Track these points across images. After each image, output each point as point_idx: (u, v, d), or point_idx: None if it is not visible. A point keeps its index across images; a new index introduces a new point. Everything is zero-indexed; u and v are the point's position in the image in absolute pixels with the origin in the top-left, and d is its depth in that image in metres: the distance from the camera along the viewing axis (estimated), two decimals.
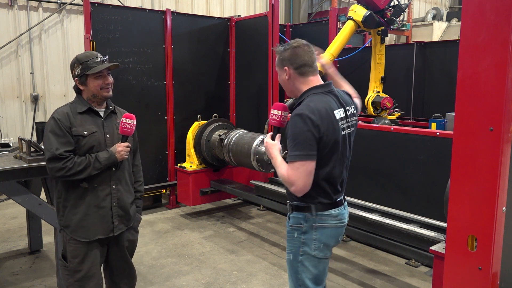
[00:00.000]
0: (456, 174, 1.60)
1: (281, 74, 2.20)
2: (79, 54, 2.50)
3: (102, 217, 2.49)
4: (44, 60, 7.48)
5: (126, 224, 2.62)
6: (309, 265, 2.17)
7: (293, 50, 2.14)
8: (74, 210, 2.46)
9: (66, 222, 2.49)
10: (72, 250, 2.49)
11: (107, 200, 2.50)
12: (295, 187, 2.02)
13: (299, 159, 2.00)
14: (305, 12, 11.09)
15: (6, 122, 7.23)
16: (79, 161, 2.38)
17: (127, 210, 2.60)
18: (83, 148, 2.42)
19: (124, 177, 2.59)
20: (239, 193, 5.25)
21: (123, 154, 2.48)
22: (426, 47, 6.89)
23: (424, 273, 3.89)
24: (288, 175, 2.03)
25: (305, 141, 1.99)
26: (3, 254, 4.35)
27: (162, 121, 5.70)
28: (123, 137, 2.50)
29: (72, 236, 2.47)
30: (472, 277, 1.57)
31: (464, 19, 1.53)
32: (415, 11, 14.10)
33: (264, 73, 5.40)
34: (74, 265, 2.48)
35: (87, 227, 2.47)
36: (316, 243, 2.16)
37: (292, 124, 2.04)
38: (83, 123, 2.45)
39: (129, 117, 2.47)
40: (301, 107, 2.06)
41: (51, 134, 2.38)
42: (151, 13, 5.61)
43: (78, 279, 2.48)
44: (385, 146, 4.07)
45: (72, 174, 2.37)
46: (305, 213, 2.16)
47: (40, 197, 3.46)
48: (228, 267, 4.06)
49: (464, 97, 1.54)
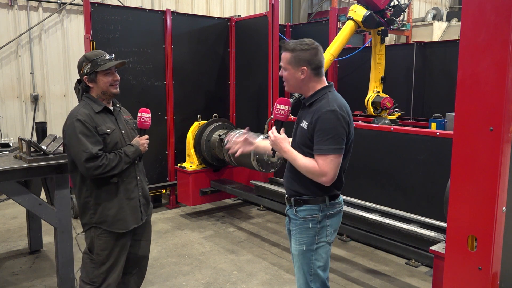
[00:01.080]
0: (456, 174, 1.60)
1: (296, 72, 2.26)
2: (87, 53, 2.64)
3: (134, 208, 2.67)
4: (44, 60, 7.48)
5: (147, 212, 2.81)
6: (322, 252, 2.32)
7: (313, 51, 2.24)
8: (109, 205, 2.59)
9: (101, 218, 2.60)
10: (102, 243, 2.61)
11: (135, 191, 2.68)
12: (326, 178, 2.16)
13: (333, 152, 2.15)
14: (305, 12, 11.09)
15: (6, 122, 7.23)
16: (112, 158, 2.52)
17: (148, 198, 2.84)
18: (109, 146, 2.56)
19: (143, 168, 2.81)
20: (239, 193, 5.25)
21: (146, 146, 2.69)
22: (426, 47, 6.89)
23: (424, 273, 3.90)
24: (320, 166, 2.15)
25: (339, 136, 2.15)
26: (3, 254, 4.35)
27: (162, 121, 5.70)
28: (141, 131, 2.72)
29: (111, 229, 2.59)
30: (472, 277, 1.57)
31: (464, 19, 1.52)
32: (415, 11, 14.10)
33: (264, 73, 5.40)
34: (102, 257, 2.62)
35: (123, 219, 2.62)
36: (329, 229, 2.33)
37: (326, 119, 2.14)
38: (103, 121, 2.57)
39: (145, 111, 2.69)
40: (328, 104, 2.18)
41: (82, 136, 2.47)
42: (151, 13, 5.61)
43: (104, 271, 2.62)
44: (385, 146, 4.07)
45: (108, 171, 2.50)
46: (319, 204, 2.29)
47: (40, 197, 3.46)
48: (228, 267, 4.06)
49: (464, 97, 1.54)
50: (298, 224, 2.33)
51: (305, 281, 2.34)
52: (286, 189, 2.44)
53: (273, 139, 2.30)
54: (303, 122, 2.28)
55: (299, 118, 2.36)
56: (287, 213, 2.45)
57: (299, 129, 2.31)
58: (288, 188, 2.40)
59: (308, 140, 2.22)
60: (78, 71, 2.62)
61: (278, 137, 2.29)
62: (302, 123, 2.29)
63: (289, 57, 2.26)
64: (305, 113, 2.31)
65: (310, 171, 2.19)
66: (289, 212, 2.42)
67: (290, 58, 2.26)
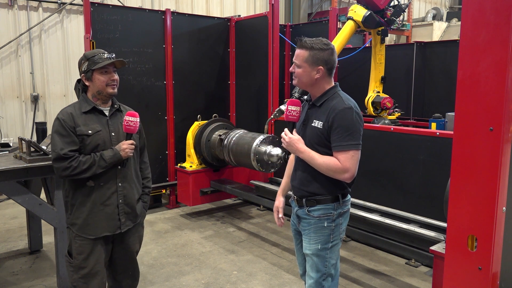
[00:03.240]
0: (456, 174, 1.60)
1: (312, 71, 2.27)
2: (86, 52, 2.59)
3: (108, 215, 2.53)
4: (44, 60, 7.48)
5: (134, 221, 2.65)
6: (336, 250, 2.38)
7: (330, 51, 2.28)
8: (81, 208, 2.51)
9: (73, 220, 2.53)
10: (77, 246, 2.53)
11: (113, 198, 2.53)
12: (348, 174, 2.20)
13: (354, 148, 2.20)
14: (305, 12, 11.09)
15: (6, 122, 7.23)
16: (84, 160, 2.42)
17: (134, 207, 2.63)
18: (88, 147, 2.47)
19: (130, 174, 2.61)
20: (239, 193, 5.25)
21: (128, 151, 2.51)
22: (426, 47, 6.89)
23: (424, 273, 3.90)
24: (342, 162, 2.18)
25: (357, 132, 2.21)
26: (3, 254, 4.35)
27: (162, 121, 5.70)
28: (127, 135, 2.54)
29: (79, 234, 2.51)
30: (472, 277, 1.57)
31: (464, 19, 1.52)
32: (415, 11, 14.10)
33: (264, 73, 5.40)
34: (79, 261, 2.52)
35: (93, 225, 2.51)
36: (342, 227, 2.39)
37: (343, 116, 2.19)
38: (88, 122, 2.49)
39: (132, 115, 2.52)
40: (344, 102, 2.23)
41: (56, 135, 2.43)
42: (151, 13, 5.61)
43: (83, 276, 2.52)
44: (385, 146, 4.07)
45: (77, 173, 2.41)
46: (334, 203, 2.33)
47: (40, 197, 3.46)
48: (228, 267, 4.06)
49: (464, 97, 1.54)
50: (313, 224, 2.34)
51: (317, 279, 2.35)
52: (296, 190, 2.43)
53: (288, 141, 2.30)
54: (315, 122, 2.28)
55: (307, 119, 2.35)
56: (297, 214, 2.45)
57: (311, 129, 2.30)
58: (300, 189, 2.38)
59: (325, 139, 2.24)
60: (78, 70, 2.60)
61: (292, 138, 2.29)
62: (313, 123, 2.29)
63: (306, 55, 2.26)
64: (316, 113, 2.31)
65: (331, 169, 2.21)
66: (300, 213, 2.42)
67: (307, 56, 2.25)
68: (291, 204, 2.53)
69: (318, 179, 2.30)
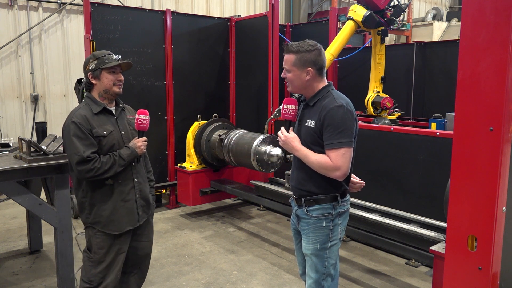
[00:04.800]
0: (456, 174, 1.60)
1: (301, 73, 2.28)
2: (95, 52, 2.70)
3: (129, 210, 2.67)
4: (44, 60, 7.48)
5: (147, 213, 2.83)
6: (335, 250, 2.38)
7: (317, 52, 2.28)
8: (103, 206, 2.61)
9: (95, 219, 2.62)
10: (98, 242, 2.64)
11: (131, 194, 2.67)
12: (340, 172, 2.19)
13: (345, 145, 2.18)
14: (305, 12, 11.09)
15: (6, 122, 7.23)
16: (105, 161, 2.52)
17: (148, 200, 2.81)
18: (105, 148, 2.57)
19: (142, 169, 2.79)
20: (239, 193, 5.25)
21: (143, 148, 2.67)
22: (426, 47, 6.89)
23: (424, 273, 3.90)
24: (333, 160, 2.18)
25: (348, 130, 2.19)
26: (3, 254, 4.35)
27: (162, 121, 5.70)
28: (139, 132, 2.69)
29: (104, 231, 2.61)
30: (472, 277, 1.57)
31: (464, 19, 1.52)
32: (415, 11, 14.10)
33: (264, 73, 5.40)
34: (99, 256, 2.64)
35: (117, 221, 2.63)
36: (341, 227, 2.39)
37: (334, 114, 2.19)
38: (101, 123, 2.58)
39: (143, 113, 2.65)
40: (335, 100, 2.23)
41: (75, 138, 2.49)
42: (151, 13, 5.61)
43: (101, 270, 2.64)
44: (385, 146, 4.07)
45: (101, 174, 2.51)
46: (332, 203, 2.33)
47: (40, 197, 3.46)
48: (228, 267, 4.06)
49: (464, 97, 1.54)
50: (311, 223, 2.35)
51: (317, 279, 2.36)
52: (294, 190, 2.44)
53: (284, 139, 2.33)
54: (308, 122, 2.30)
55: (302, 118, 2.37)
56: (296, 213, 2.45)
57: (305, 129, 2.32)
58: (298, 188, 2.40)
59: (318, 138, 2.25)
60: (84, 69, 2.65)
61: (288, 136, 2.33)
62: (307, 123, 2.31)
63: (294, 59, 2.27)
64: (309, 112, 2.33)
65: (323, 167, 2.21)
66: (299, 212, 2.42)
67: (295, 60, 2.27)
68: (291, 204, 2.53)
69: (313, 178, 2.31)
